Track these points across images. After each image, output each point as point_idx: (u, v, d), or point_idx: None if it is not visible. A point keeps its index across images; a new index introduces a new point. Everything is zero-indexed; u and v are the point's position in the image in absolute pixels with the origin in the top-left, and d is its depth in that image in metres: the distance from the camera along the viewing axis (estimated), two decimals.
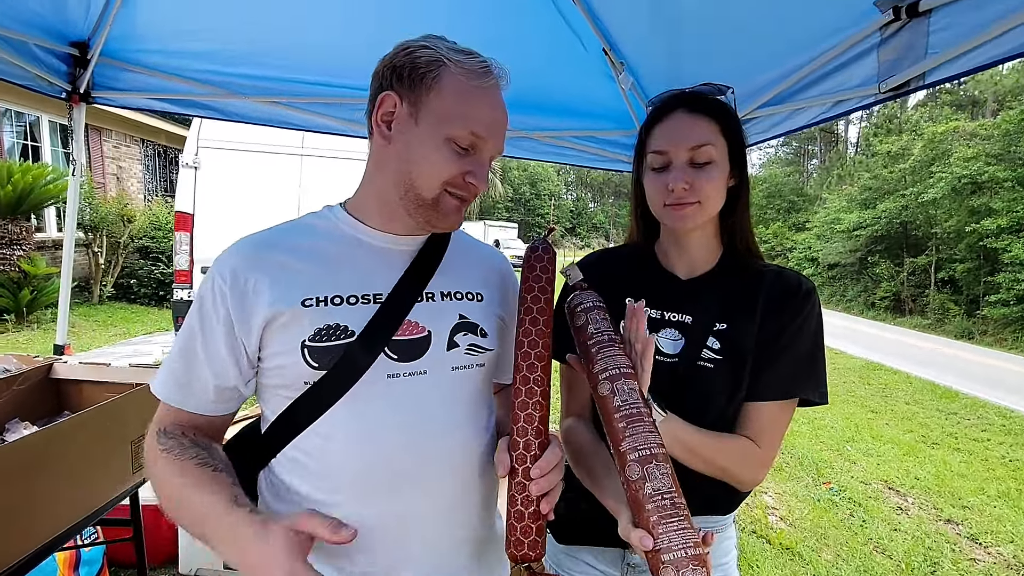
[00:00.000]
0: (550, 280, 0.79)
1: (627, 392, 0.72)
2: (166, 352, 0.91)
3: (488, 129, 0.75)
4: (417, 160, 0.75)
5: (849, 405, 6.26)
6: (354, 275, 0.78)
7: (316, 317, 0.73)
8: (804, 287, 0.94)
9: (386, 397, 0.74)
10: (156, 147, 11.36)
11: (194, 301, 0.77)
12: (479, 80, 0.74)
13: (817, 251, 20.75)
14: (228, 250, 0.77)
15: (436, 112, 0.73)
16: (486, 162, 0.78)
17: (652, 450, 0.68)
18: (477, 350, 0.83)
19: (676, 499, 0.66)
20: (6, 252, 6.60)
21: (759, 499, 3.62)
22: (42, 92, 2.04)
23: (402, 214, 0.79)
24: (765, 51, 1.53)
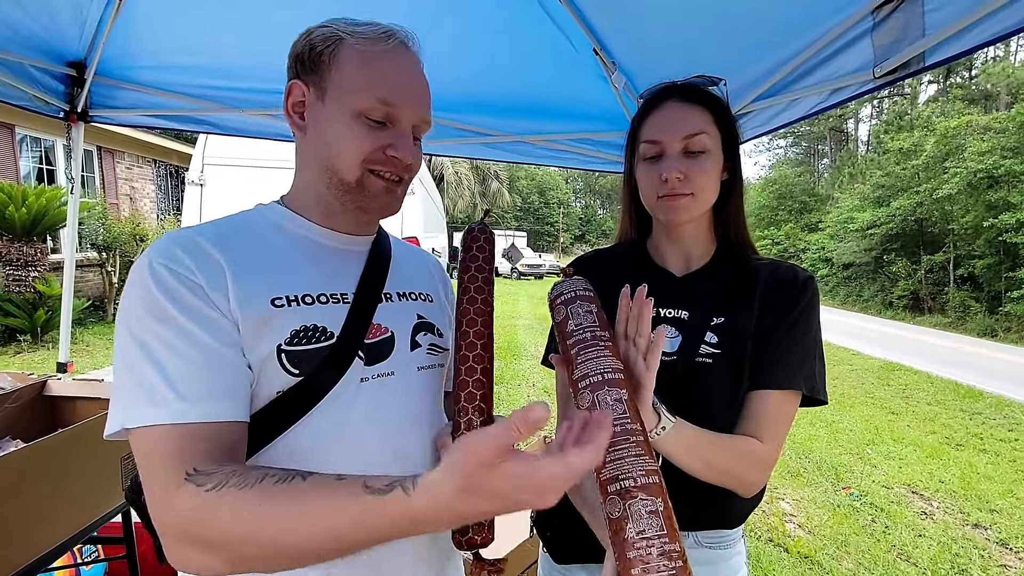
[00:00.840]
0: (488, 259, 0.76)
1: (611, 404, 0.61)
2: None
3: (397, 93, 0.69)
4: (331, 142, 0.70)
5: (868, 407, 6.10)
6: (318, 274, 0.72)
7: (291, 318, 0.65)
8: (801, 277, 0.91)
9: (360, 403, 0.70)
10: (168, 167, 11.58)
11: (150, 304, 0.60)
12: (380, 45, 0.69)
13: (831, 251, 20.48)
14: (162, 243, 0.64)
15: (339, 87, 0.68)
16: (407, 132, 0.72)
17: (638, 480, 0.56)
18: (437, 349, 0.82)
19: (667, 546, 0.54)
20: (22, 273, 6.73)
21: (776, 506, 3.51)
22: (40, 112, 2.06)
23: (341, 209, 0.74)
24: (756, 42, 1.49)
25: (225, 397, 0.60)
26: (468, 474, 0.45)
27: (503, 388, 5.81)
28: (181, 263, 0.62)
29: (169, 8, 1.80)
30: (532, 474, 0.45)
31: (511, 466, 0.44)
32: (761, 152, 47.82)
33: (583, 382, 0.63)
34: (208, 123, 2.33)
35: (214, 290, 0.62)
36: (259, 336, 0.63)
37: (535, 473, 0.45)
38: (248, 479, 0.52)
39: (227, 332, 0.62)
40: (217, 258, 0.64)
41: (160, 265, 0.61)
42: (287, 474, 0.53)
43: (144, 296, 0.60)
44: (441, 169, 23.28)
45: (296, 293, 0.68)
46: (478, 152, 2.58)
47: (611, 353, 0.64)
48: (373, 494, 0.48)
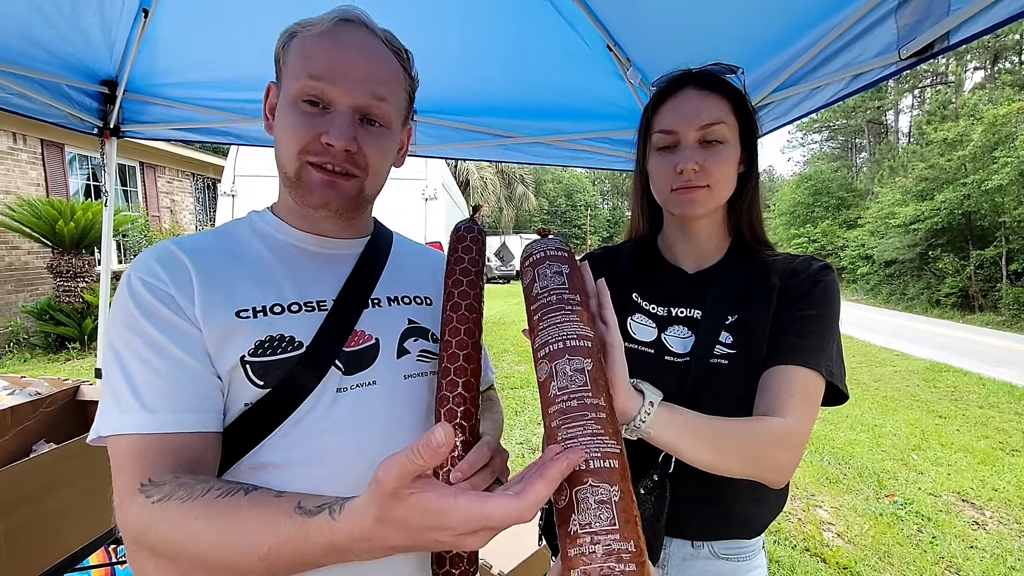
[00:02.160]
0: (474, 260, 0.71)
1: (570, 374, 0.51)
2: None
3: (327, 69, 0.63)
4: (277, 136, 0.68)
5: (913, 410, 5.80)
6: (293, 281, 0.69)
7: (255, 329, 0.64)
8: (816, 265, 0.86)
9: (336, 414, 0.65)
10: (205, 180, 12.04)
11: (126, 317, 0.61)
12: (321, 27, 0.66)
13: (872, 248, 19.67)
14: (142, 256, 0.66)
15: (285, 78, 0.67)
16: (345, 114, 0.65)
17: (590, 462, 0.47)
18: (429, 356, 0.76)
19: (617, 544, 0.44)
20: (70, 284, 7.10)
21: (813, 513, 3.36)
22: (75, 129, 2.16)
23: (301, 209, 0.71)
24: (775, 31, 1.43)
25: (190, 409, 0.59)
26: (379, 502, 0.43)
27: (529, 392, 5.78)
28: (155, 275, 0.63)
29: (190, 26, 1.87)
30: (445, 512, 0.42)
31: (422, 499, 0.42)
32: (795, 147, 46.45)
33: (542, 351, 0.55)
34: (232, 134, 2.40)
35: (183, 299, 0.62)
36: (223, 347, 0.62)
37: (448, 512, 0.42)
38: (193, 492, 0.53)
39: (198, 343, 0.61)
40: (188, 268, 0.64)
41: (136, 279, 0.63)
42: (231, 488, 0.53)
43: (122, 309, 0.62)
44: (467, 174, 23.47)
45: (264, 303, 0.65)
46: (495, 154, 2.57)
47: (578, 318, 0.55)
48: (303, 515, 0.48)
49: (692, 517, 0.85)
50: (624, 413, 0.61)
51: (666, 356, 0.87)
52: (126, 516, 0.55)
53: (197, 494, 0.53)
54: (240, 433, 0.63)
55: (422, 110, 2.35)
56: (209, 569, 0.52)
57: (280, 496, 0.52)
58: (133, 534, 0.55)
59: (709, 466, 0.68)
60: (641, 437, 0.64)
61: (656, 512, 0.82)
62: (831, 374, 0.78)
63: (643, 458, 0.83)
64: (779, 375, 0.77)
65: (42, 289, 7.60)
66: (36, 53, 1.81)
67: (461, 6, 1.77)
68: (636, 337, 0.90)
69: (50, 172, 7.81)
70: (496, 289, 19.83)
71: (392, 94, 0.69)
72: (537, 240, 0.66)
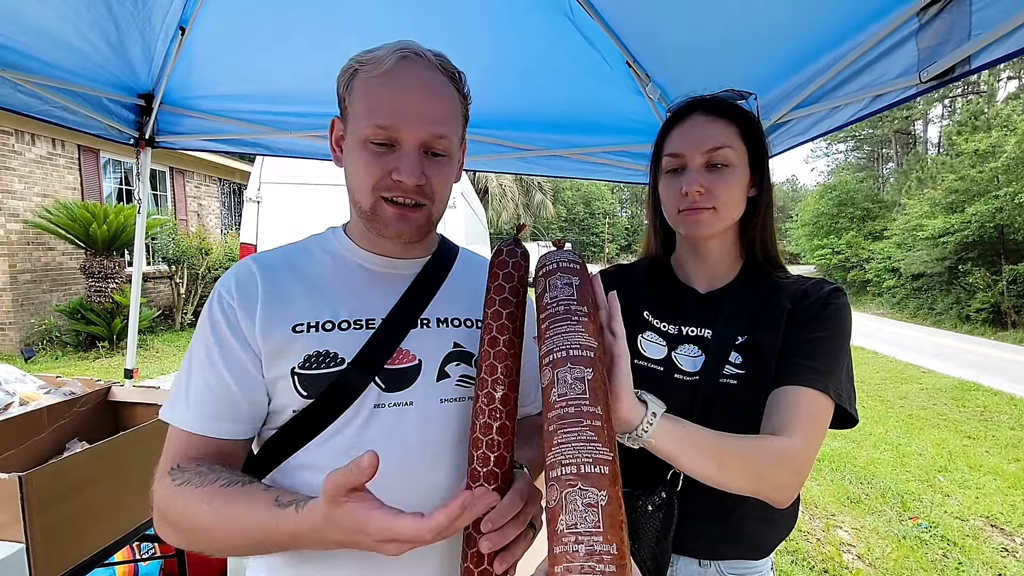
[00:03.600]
0: (516, 290, 0.66)
1: (571, 382, 0.53)
2: None
3: (393, 115, 0.67)
4: (349, 173, 0.73)
5: (940, 430, 5.63)
6: (349, 299, 0.74)
7: (307, 343, 0.70)
8: (828, 288, 0.87)
9: (370, 428, 0.70)
10: (231, 185, 12.36)
11: (201, 324, 0.73)
12: (381, 68, 0.68)
13: (898, 261, 19.18)
14: (229, 270, 0.76)
15: (353, 118, 0.71)
16: (411, 152, 0.69)
17: (582, 467, 0.48)
18: (469, 381, 0.76)
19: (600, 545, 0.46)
20: (101, 285, 7.34)
21: (832, 534, 3.29)
22: (113, 140, 2.26)
23: (371, 235, 0.76)
24: (795, 51, 1.44)
25: (222, 419, 0.69)
26: (326, 505, 0.53)
27: None
28: (230, 291, 0.72)
29: (223, 42, 1.95)
30: (365, 522, 0.52)
31: (351, 508, 0.52)
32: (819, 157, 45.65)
33: (546, 359, 0.57)
34: (260, 145, 2.48)
35: (245, 319, 0.70)
36: (278, 358, 0.70)
37: (367, 522, 0.52)
38: (205, 480, 0.63)
39: (241, 365, 0.70)
40: (257, 286, 0.72)
41: (218, 291, 0.73)
42: (232, 479, 0.63)
43: (203, 316, 0.73)
44: (485, 182, 23.62)
45: (318, 319, 0.71)
46: (516, 167, 2.61)
47: (583, 329, 0.57)
48: (278, 506, 0.58)
49: (700, 535, 0.85)
50: (627, 422, 0.62)
51: (675, 374, 0.89)
52: (156, 491, 0.67)
53: (208, 482, 0.63)
54: (288, 436, 0.71)
55: None
56: (209, 541, 0.63)
57: (267, 490, 0.62)
58: (159, 508, 0.66)
59: (710, 479, 0.68)
60: (643, 446, 0.65)
61: (664, 529, 0.83)
62: (839, 396, 0.77)
63: (652, 475, 0.84)
64: (786, 396, 0.77)
65: (75, 289, 7.88)
66: (80, 69, 1.91)
67: (486, 26, 1.82)
68: (646, 355, 0.92)
69: (86, 176, 8.11)
70: None
71: (451, 128, 0.72)
72: (551, 251, 0.67)
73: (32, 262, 7.30)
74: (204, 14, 1.83)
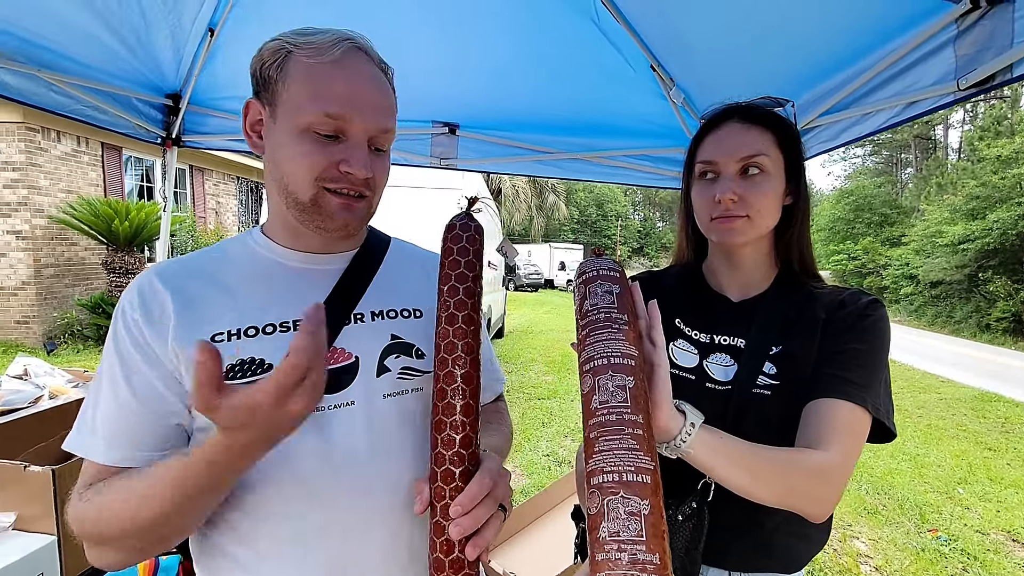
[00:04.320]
0: (472, 264, 0.65)
1: (612, 390, 0.53)
2: None
3: (345, 105, 0.64)
4: (283, 160, 0.66)
5: (960, 441, 5.53)
6: (271, 302, 0.69)
7: (227, 353, 0.64)
8: (866, 299, 0.85)
9: (311, 434, 0.65)
10: (249, 183, 12.50)
11: (107, 344, 0.66)
12: (326, 55, 0.65)
13: (916, 268, 18.89)
14: (131, 283, 0.69)
15: (288, 103, 0.65)
16: (361, 144, 0.67)
17: (624, 476, 0.48)
18: (412, 373, 0.74)
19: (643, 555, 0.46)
20: (122, 280, 7.47)
21: (849, 545, 3.24)
22: (141, 139, 2.30)
23: (301, 229, 0.71)
24: (825, 55, 1.42)
25: (129, 447, 0.64)
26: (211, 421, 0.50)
27: (556, 403, 5.76)
28: (133, 306, 0.66)
29: (250, 44, 1.97)
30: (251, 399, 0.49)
31: (230, 400, 0.49)
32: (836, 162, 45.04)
33: (587, 365, 0.57)
34: None
35: (154, 334, 0.65)
36: None
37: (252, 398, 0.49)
38: (112, 484, 0.61)
39: (149, 386, 0.64)
40: (166, 299, 0.66)
41: (120, 308, 0.67)
42: (140, 470, 0.60)
43: (109, 335, 0.67)
44: (499, 182, 23.65)
45: (240, 326, 0.66)
46: (533, 169, 2.61)
47: (624, 337, 0.57)
48: (184, 456, 0.56)
49: (731, 547, 0.84)
50: (666, 432, 0.63)
51: (707, 383, 0.88)
52: (69, 515, 0.63)
53: (113, 483, 0.61)
54: None
55: (464, 125, 2.41)
56: (138, 538, 0.59)
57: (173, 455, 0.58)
58: (77, 530, 0.62)
59: (745, 491, 0.68)
60: (680, 456, 0.66)
61: (693, 540, 0.82)
62: (877, 410, 0.76)
63: (682, 485, 0.83)
64: (822, 408, 0.76)
65: (96, 284, 8.02)
66: (111, 69, 1.95)
67: (507, 27, 1.82)
68: (677, 363, 0.91)
69: (108, 173, 8.26)
70: (524, 297, 19.85)
71: (394, 123, 0.71)
72: (591, 259, 0.68)
73: (56, 257, 7.45)
74: (233, 16, 1.86)
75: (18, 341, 7.20)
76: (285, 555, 0.65)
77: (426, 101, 2.25)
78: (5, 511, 1.24)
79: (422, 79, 2.05)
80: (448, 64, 2.02)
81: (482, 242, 0.67)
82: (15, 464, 1.24)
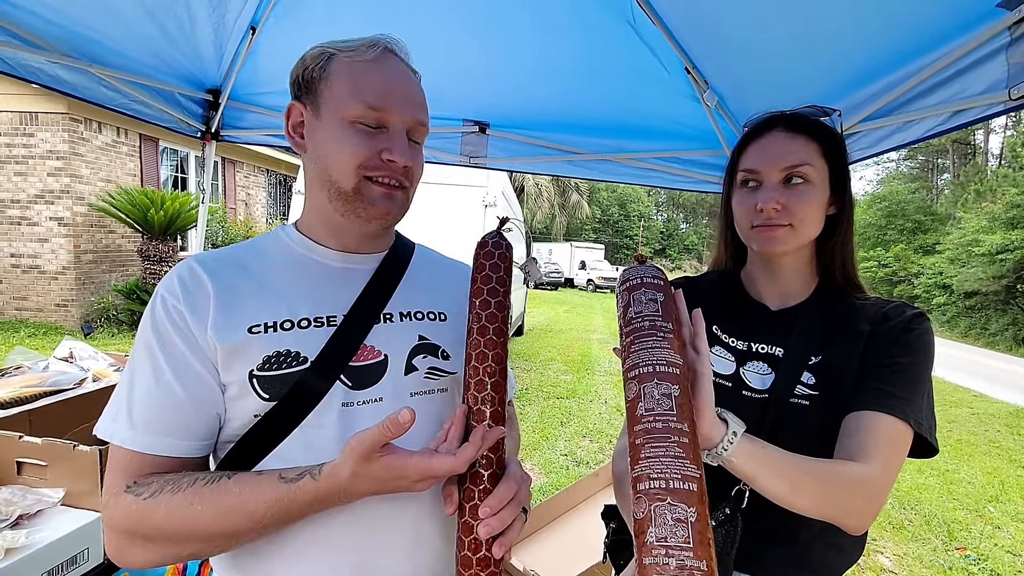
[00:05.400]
0: (502, 280, 0.69)
1: (657, 397, 0.55)
2: None
3: (385, 97, 0.70)
4: (328, 153, 0.70)
5: (993, 458, 5.35)
6: (307, 297, 0.72)
7: (264, 344, 0.67)
8: (911, 313, 0.84)
9: (339, 428, 0.67)
10: (278, 176, 12.75)
11: (143, 331, 0.67)
12: (365, 55, 0.71)
13: (950, 277, 18.26)
14: (171, 272, 0.71)
15: (331, 100, 0.70)
16: (401, 134, 0.71)
17: (670, 483, 0.49)
18: (438, 374, 0.77)
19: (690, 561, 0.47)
20: (156, 268, 7.71)
21: (873, 559, 3.18)
22: (182, 132, 2.38)
23: (345, 223, 0.74)
24: (865, 60, 1.39)
25: (169, 434, 0.64)
26: (355, 464, 0.58)
27: (574, 403, 5.76)
28: (174, 294, 0.67)
29: (289, 41, 2.02)
30: (404, 468, 0.58)
31: (388, 460, 0.58)
32: (868, 166, 43.84)
33: (631, 372, 0.59)
34: None
35: (196, 321, 0.66)
36: (235, 361, 0.66)
37: (406, 468, 0.58)
38: (180, 485, 0.62)
39: (193, 372, 0.65)
40: (207, 286, 0.68)
41: (159, 296, 0.68)
42: (213, 476, 0.63)
43: (144, 322, 0.68)
44: (522, 180, 23.64)
45: (276, 319, 0.68)
46: (562, 169, 2.61)
47: (669, 345, 0.59)
48: (287, 483, 0.60)
49: (765, 555, 0.84)
50: (708, 439, 0.64)
51: (743, 391, 0.88)
52: (116, 511, 0.62)
53: (185, 486, 0.61)
54: (253, 441, 0.67)
55: (494, 124, 2.43)
56: (206, 540, 0.61)
57: (260, 473, 0.63)
58: (126, 526, 0.62)
59: (785, 501, 0.68)
60: (721, 463, 0.66)
61: (726, 546, 0.82)
62: (919, 425, 0.75)
63: (717, 490, 0.84)
64: (864, 421, 0.75)
65: (131, 270, 8.30)
66: (157, 65, 2.02)
67: (539, 27, 1.82)
68: (714, 369, 0.91)
69: (145, 164, 8.52)
70: (543, 296, 19.83)
71: (427, 118, 0.76)
72: (634, 266, 0.69)
73: (95, 243, 7.73)
74: (274, 14, 1.90)
75: (57, 323, 7.49)
76: (312, 554, 0.67)
77: (457, 100, 2.28)
78: (55, 487, 1.30)
79: (454, 78, 2.07)
80: (480, 64, 2.03)
81: (511, 259, 0.71)
82: (65, 443, 1.30)
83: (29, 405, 1.53)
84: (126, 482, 0.63)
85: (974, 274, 16.68)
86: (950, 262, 18.65)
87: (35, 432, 1.39)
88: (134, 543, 0.63)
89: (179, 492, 0.61)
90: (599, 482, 2.42)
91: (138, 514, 0.61)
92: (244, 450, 0.67)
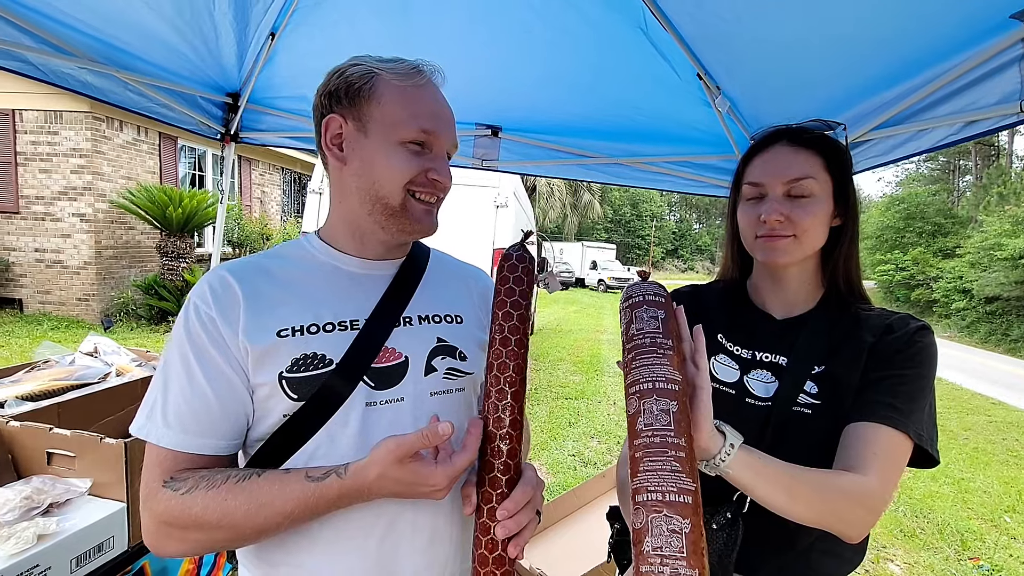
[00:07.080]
0: (525, 293, 0.71)
1: (656, 413, 0.57)
2: None
3: (435, 123, 0.76)
4: (378, 170, 0.74)
5: (1009, 467, 5.25)
6: (330, 302, 0.75)
7: (293, 347, 0.70)
8: (915, 326, 0.85)
9: (362, 426, 0.71)
10: (292, 174, 12.92)
11: (176, 336, 0.71)
12: (412, 80, 0.75)
13: (971, 281, 17.88)
14: (201, 280, 0.75)
15: (383, 120, 0.74)
16: (443, 156, 0.79)
17: (667, 496, 0.52)
18: (456, 374, 0.81)
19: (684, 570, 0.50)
20: (173, 264, 7.86)
21: (883, 567, 3.15)
22: (202, 134, 2.44)
23: (374, 234, 0.79)
24: (878, 68, 1.39)
25: (201, 434, 0.68)
26: (385, 466, 0.62)
27: (583, 403, 5.77)
28: (206, 300, 0.71)
29: (306, 47, 2.07)
30: (430, 476, 0.62)
31: (416, 466, 0.63)
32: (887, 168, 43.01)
33: (632, 388, 0.61)
34: None
35: (227, 326, 0.70)
36: (265, 363, 0.70)
37: (431, 475, 0.63)
38: (215, 480, 0.66)
39: (224, 378, 0.69)
40: (237, 293, 0.72)
41: (191, 302, 0.72)
42: (245, 473, 0.67)
43: (177, 326, 0.72)
44: (534, 180, 23.62)
45: (303, 323, 0.72)
46: (574, 173, 2.63)
47: (669, 363, 0.61)
48: (314, 481, 0.65)
49: (765, 561, 0.86)
50: (705, 451, 0.66)
51: (747, 399, 0.89)
52: (156, 505, 0.66)
53: (219, 482, 0.65)
54: (281, 439, 0.71)
55: (506, 128, 2.45)
56: (238, 532, 0.65)
57: (287, 472, 0.67)
58: (166, 518, 0.66)
59: (782, 510, 0.70)
60: (719, 474, 0.68)
61: (727, 549, 0.84)
62: (919, 437, 0.76)
63: (718, 494, 0.85)
64: (863, 432, 0.77)
65: (150, 266, 8.47)
66: (181, 70, 2.08)
67: (552, 33, 1.85)
68: (718, 377, 0.93)
69: (164, 161, 8.70)
70: (554, 295, 19.79)
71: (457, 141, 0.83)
72: (637, 283, 0.71)
73: (115, 239, 7.91)
74: (292, 21, 1.95)
75: (78, 317, 7.68)
76: (336, 545, 0.71)
77: (469, 103, 2.30)
78: (83, 477, 1.36)
79: (467, 82, 2.09)
80: (492, 68, 2.06)
81: (534, 272, 0.75)
82: (91, 435, 1.36)
83: (58, 398, 1.59)
84: (163, 477, 0.67)
85: (995, 279, 16.33)
86: (971, 266, 18.27)
87: (62, 424, 1.45)
88: (172, 535, 0.67)
89: (214, 488, 0.65)
90: (605, 483, 2.44)
91: (176, 508, 0.65)
92: (273, 447, 0.71)
